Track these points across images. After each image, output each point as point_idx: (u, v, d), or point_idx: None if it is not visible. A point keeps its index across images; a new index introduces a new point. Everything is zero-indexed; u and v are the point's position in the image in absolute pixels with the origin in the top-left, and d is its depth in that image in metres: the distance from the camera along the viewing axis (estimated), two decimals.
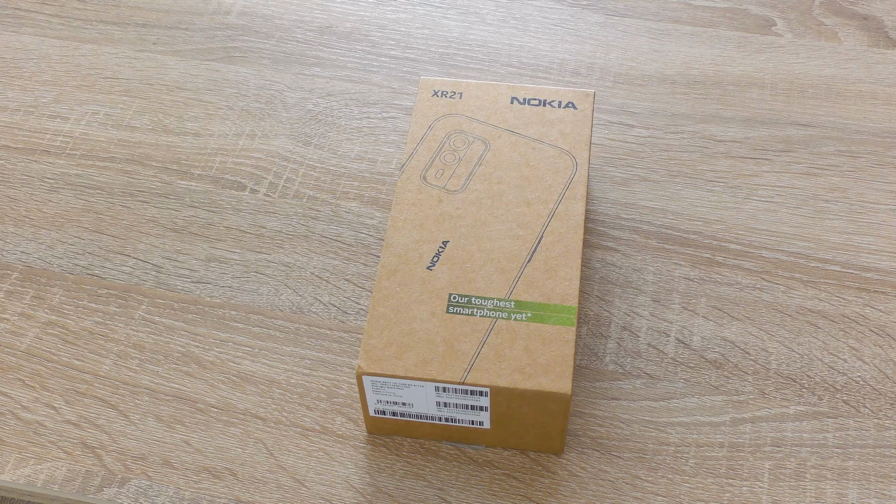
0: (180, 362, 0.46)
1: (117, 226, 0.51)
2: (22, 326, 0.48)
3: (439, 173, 0.45)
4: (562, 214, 0.44)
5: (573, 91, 0.48)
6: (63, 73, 0.59)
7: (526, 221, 0.43)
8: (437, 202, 0.44)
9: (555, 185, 0.45)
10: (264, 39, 0.60)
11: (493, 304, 0.41)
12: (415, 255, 0.42)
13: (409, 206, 0.44)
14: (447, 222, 0.43)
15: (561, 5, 0.62)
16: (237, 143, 0.55)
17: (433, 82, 0.49)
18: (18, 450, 0.44)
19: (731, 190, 0.52)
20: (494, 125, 0.47)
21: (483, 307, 0.41)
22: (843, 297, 0.48)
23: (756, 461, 0.43)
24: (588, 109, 0.47)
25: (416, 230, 0.43)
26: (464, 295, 0.41)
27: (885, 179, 0.53)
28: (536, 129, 0.47)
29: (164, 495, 0.42)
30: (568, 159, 0.45)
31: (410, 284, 0.42)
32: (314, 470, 0.43)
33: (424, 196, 0.44)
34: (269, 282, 0.49)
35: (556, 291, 0.41)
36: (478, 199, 0.44)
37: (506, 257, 0.42)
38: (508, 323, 0.41)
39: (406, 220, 0.44)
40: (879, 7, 0.62)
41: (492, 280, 0.42)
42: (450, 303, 0.41)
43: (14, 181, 0.53)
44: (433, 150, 0.46)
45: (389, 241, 0.43)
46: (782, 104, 0.56)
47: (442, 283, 0.42)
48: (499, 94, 0.48)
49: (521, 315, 0.41)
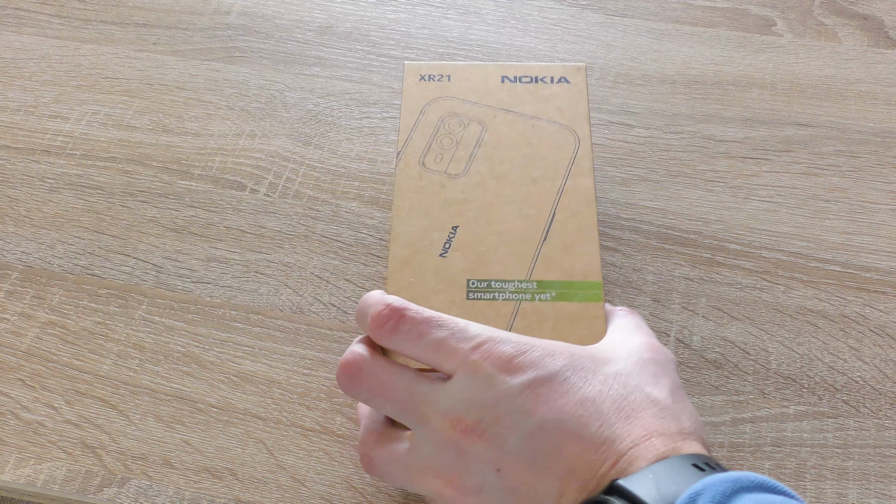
0: (180, 362, 0.46)
1: (117, 226, 0.51)
2: (22, 326, 0.48)
3: (438, 158, 0.43)
4: (571, 190, 0.42)
5: (564, 66, 0.47)
6: (63, 73, 0.59)
7: (535, 200, 0.42)
8: (441, 187, 0.42)
9: (559, 162, 0.43)
10: (264, 39, 0.60)
11: (515, 287, 0.39)
12: (425, 243, 0.41)
13: (412, 194, 0.42)
14: (454, 207, 0.42)
15: (561, 5, 0.62)
16: (237, 143, 0.55)
17: (418, 67, 0.47)
18: (18, 450, 0.44)
19: (731, 190, 0.52)
20: (488, 105, 0.45)
21: (504, 290, 0.39)
22: (843, 297, 0.48)
23: (756, 461, 0.43)
24: (581, 83, 0.46)
25: (422, 218, 0.41)
26: (482, 280, 0.39)
27: (885, 179, 0.53)
28: (532, 107, 0.45)
29: (164, 495, 0.42)
30: (569, 134, 0.44)
31: (425, 274, 0.40)
32: (314, 470, 0.43)
33: (426, 182, 0.42)
34: (269, 282, 0.49)
35: (578, 268, 0.40)
36: (482, 182, 0.42)
37: (520, 238, 0.41)
38: (533, 304, 0.39)
39: (411, 209, 0.42)
40: (879, 7, 0.62)
41: (509, 262, 0.40)
42: (469, 289, 0.39)
43: (14, 181, 0.53)
44: (428, 136, 0.44)
45: (396, 231, 0.41)
46: (782, 104, 0.56)
47: (457, 269, 0.40)
48: (488, 74, 0.47)
49: (545, 295, 0.39)
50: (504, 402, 0.32)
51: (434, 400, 0.33)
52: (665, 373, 0.35)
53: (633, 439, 0.31)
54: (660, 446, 0.31)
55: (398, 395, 0.34)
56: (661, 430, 0.31)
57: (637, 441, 0.31)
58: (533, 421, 0.32)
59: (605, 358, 0.34)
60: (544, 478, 0.31)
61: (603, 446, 0.31)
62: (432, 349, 0.34)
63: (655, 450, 0.31)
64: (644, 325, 0.38)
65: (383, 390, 0.34)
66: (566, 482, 0.31)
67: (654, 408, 0.32)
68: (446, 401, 0.33)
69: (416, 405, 0.34)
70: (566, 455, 0.31)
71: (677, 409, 0.33)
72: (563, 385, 0.32)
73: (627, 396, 0.32)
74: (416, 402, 0.34)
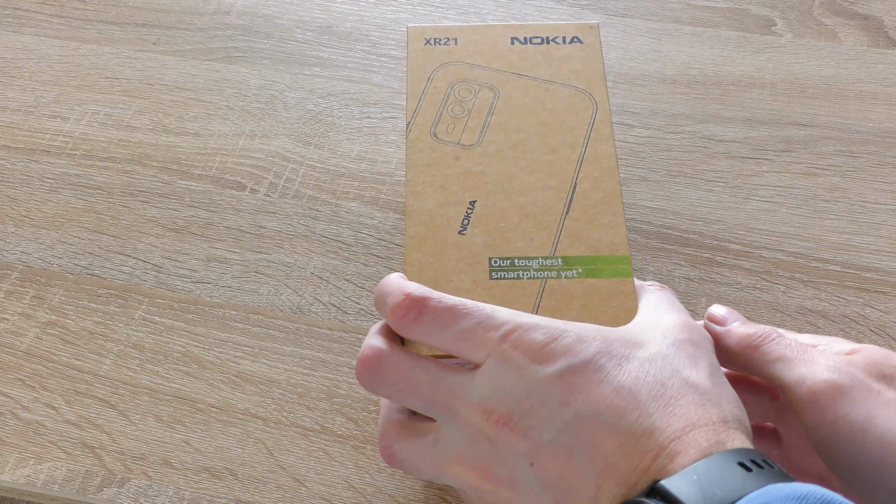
0: (180, 362, 0.46)
1: (117, 226, 0.51)
2: (22, 326, 0.48)
3: (450, 128, 0.40)
4: (591, 158, 0.39)
5: (576, 24, 0.44)
6: (63, 73, 0.59)
7: (555, 170, 0.39)
8: (455, 159, 0.40)
9: (577, 128, 0.40)
10: (264, 39, 0.60)
11: (539, 264, 0.37)
12: (442, 220, 0.38)
13: (426, 168, 0.39)
14: (470, 180, 0.39)
15: (561, 5, 0.62)
16: (237, 143, 0.55)
17: (423, 30, 0.44)
18: (18, 450, 0.44)
19: (731, 190, 0.52)
20: (499, 69, 0.43)
21: (529, 268, 0.37)
22: (843, 297, 0.48)
23: None
24: (595, 43, 0.43)
25: (438, 193, 0.39)
26: (505, 258, 0.37)
27: (885, 179, 0.53)
28: (545, 70, 0.42)
29: (164, 495, 0.42)
30: (586, 98, 0.41)
31: (444, 253, 0.37)
32: (314, 470, 0.43)
33: (439, 154, 0.40)
34: (269, 282, 0.49)
35: (604, 241, 0.37)
36: (498, 152, 0.40)
37: (541, 211, 0.38)
38: (559, 282, 0.36)
39: (425, 183, 0.39)
40: (879, 7, 0.62)
41: (532, 238, 0.37)
42: (491, 268, 0.37)
43: (14, 181, 0.53)
44: (438, 104, 0.41)
45: (411, 208, 0.38)
46: (782, 104, 0.56)
47: (478, 247, 0.37)
48: (497, 36, 0.44)
49: (572, 272, 0.37)
50: (537, 392, 0.31)
51: (463, 392, 0.32)
52: (702, 354, 0.33)
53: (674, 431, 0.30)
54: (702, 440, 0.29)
55: (423, 388, 0.33)
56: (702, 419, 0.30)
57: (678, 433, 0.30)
58: (567, 412, 0.31)
59: (640, 341, 0.33)
60: (581, 472, 0.30)
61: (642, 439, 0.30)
62: (459, 339, 0.33)
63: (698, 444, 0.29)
64: (677, 301, 0.37)
65: (407, 384, 0.33)
66: (604, 477, 0.30)
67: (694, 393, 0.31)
68: (476, 392, 0.32)
69: (444, 398, 0.33)
70: (603, 448, 0.30)
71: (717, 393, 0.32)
72: (597, 373, 0.31)
73: (665, 382, 0.31)
74: (444, 395, 0.33)
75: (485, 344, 0.32)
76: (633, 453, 0.30)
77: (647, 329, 0.34)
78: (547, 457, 0.31)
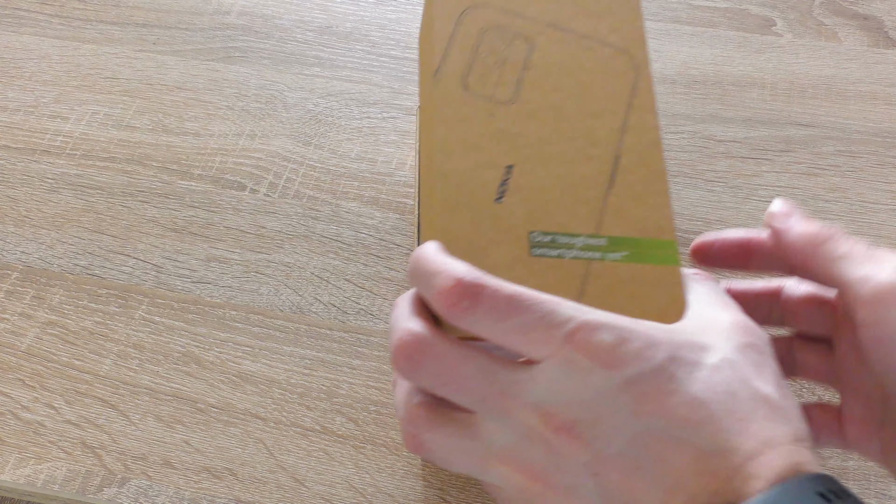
0: (180, 362, 0.46)
1: (117, 226, 0.51)
2: (22, 326, 0.48)
3: (483, 79, 0.36)
4: (634, 128, 0.35)
5: None
6: (63, 73, 0.59)
7: (596, 138, 0.35)
8: (489, 116, 0.35)
9: (618, 93, 0.36)
10: (264, 39, 0.60)
11: (583, 243, 0.33)
12: (476, 184, 0.33)
13: (458, 123, 0.35)
14: (507, 142, 0.34)
15: None
16: (237, 143, 0.55)
17: None
18: (18, 450, 0.44)
19: (731, 190, 0.52)
20: (534, 18, 0.38)
21: (572, 246, 0.33)
22: None
23: None
24: None
25: (472, 153, 0.34)
26: (546, 232, 0.33)
27: (885, 179, 0.53)
28: (583, 24, 0.38)
29: (164, 495, 0.42)
30: (627, 61, 0.37)
31: (481, 223, 0.33)
32: (314, 470, 0.43)
33: (472, 109, 0.35)
34: (269, 282, 0.49)
35: (650, 223, 0.33)
36: (535, 112, 0.35)
37: (583, 183, 0.34)
38: (604, 265, 0.33)
39: (457, 141, 0.34)
40: (879, 7, 0.62)
41: (574, 212, 0.33)
42: (532, 243, 0.33)
43: (14, 181, 0.53)
44: (469, 50, 0.36)
45: (440, 168, 0.34)
46: (782, 104, 0.56)
47: (518, 218, 0.33)
48: None
49: (617, 255, 0.33)
50: (604, 401, 0.29)
51: (519, 392, 0.30)
52: (767, 361, 0.31)
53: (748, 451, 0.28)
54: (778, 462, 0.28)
55: (472, 382, 0.30)
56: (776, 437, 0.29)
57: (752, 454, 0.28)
58: (637, 424, 0.29)
59: (704, 344, 0.31)
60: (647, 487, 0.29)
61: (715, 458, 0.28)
62: (517, 334, 0.30)
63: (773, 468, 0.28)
64: (725, 294, 0.34)
65: (453, 378, 0.31)
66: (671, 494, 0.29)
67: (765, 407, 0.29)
68: (535, 393, 0.30)
69: (496, 396, 0.30)
70: (673, 465, 0.29)
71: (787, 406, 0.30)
72: (669, 382, 0.29)
73: (736, 394, 0.29)
74: (496, 393, 0.30)
75: (547, 343, 0.30)
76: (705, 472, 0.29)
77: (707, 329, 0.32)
78: (612, 469, 0.29)
